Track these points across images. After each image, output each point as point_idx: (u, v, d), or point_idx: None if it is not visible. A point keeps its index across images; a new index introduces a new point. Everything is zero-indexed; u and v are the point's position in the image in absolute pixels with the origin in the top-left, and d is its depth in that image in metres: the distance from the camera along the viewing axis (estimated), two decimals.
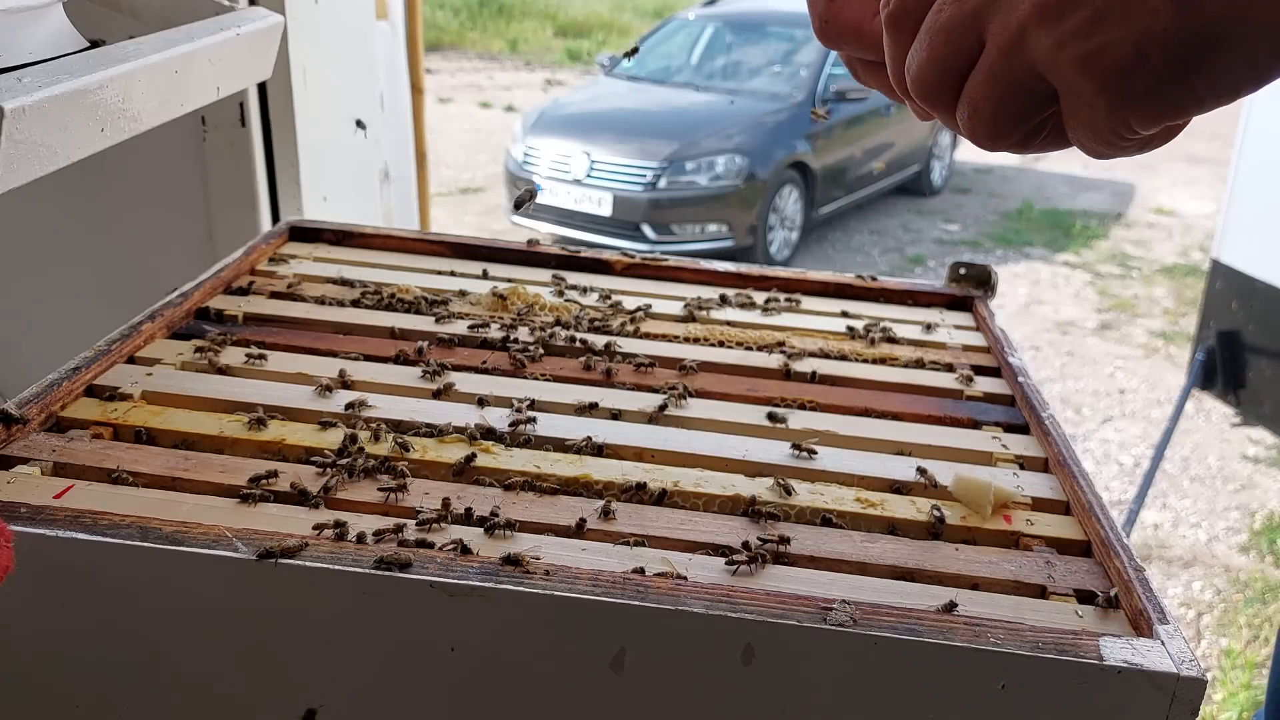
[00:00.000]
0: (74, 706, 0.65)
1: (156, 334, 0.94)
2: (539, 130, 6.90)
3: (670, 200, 6.40)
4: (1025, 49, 0.43)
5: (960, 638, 0.59)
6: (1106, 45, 0.41)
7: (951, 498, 0.78)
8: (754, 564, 0.66)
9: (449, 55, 13.35)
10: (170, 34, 0.92)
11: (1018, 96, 0.45)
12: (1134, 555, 0.69)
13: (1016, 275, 6.56)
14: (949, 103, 0.47)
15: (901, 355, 1.03)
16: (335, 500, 0.72)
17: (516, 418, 0.83)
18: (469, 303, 1.06)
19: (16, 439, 0.75)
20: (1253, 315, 3.20)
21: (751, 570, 0.66)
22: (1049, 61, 0.43)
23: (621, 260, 1.19)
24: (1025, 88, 0.44)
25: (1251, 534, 3.91)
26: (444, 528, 0.68)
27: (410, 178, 2.81)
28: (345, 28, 1.60)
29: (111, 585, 0.62)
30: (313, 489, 0.71)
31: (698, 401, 0.90)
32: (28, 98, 0.68)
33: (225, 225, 1.43)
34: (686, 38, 7.92)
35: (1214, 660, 3.19)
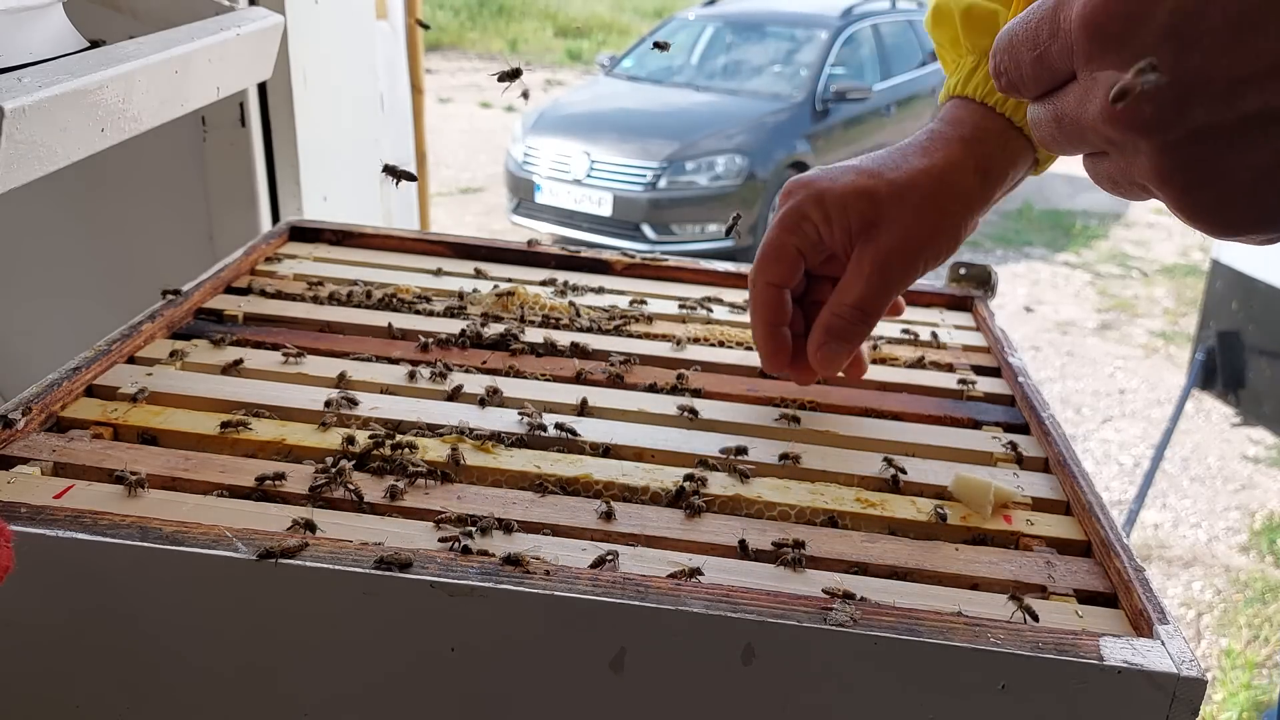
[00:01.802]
0: (74, 707, 0.65)
1: (156, 334, 0.94)
2: (539, 130, 6.91)
3: (670, 200, 6.40)
4: (1147, 191, 0.48)
5: (960, 638, 0.59)
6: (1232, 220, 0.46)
7: (951, 497, 0.78)
8: (796, 565, 0.67)
9: (449, 55, 13.35)
10: (170, 34, 0.92)
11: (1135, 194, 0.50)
12: (1134, 555, 0.69)
13: (1016, 275, 6.56)
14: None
15: (902, 355, 1.03)
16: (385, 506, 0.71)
17: (531, 422, 0.83)
18: (469, 302, 1.06)
19: (17, 439, 0.75)
20: (1253, 315, 3.20)
21: (795, 569, 0.67)
22: (1171, 208, 0.48)
23: (621, 260, 1.19)
24: (1142, 190, 0.49)
25: (1251, 534, 3.92)
26: (495, 536, 0.68)
27: None
28: (345, 28, 1.60)
29: (111, 585, 0.62)
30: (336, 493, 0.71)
31: (698, 402, 0.90)
32: (28, 98, 0.68)
33: (225, 225, 1.43)
34: (687, 38, 7.92)
35: (1214, 660, 3.19)
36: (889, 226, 0.81)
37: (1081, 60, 0.46)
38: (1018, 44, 0.50)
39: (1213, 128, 0.43)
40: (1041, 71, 0.49)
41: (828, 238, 0.83)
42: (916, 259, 0.82)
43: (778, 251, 0.84)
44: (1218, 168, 0.44)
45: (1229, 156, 0.43)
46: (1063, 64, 0.48)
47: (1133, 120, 0.44)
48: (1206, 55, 0.41)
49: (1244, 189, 0.44)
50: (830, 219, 0.82)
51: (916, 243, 0.82)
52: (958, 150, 0.83)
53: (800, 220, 0.83)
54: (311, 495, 0.71)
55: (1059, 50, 0.47)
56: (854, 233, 0.82)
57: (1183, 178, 0.45)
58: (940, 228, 0.82)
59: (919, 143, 0.85)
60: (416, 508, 0.71)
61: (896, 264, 0.82)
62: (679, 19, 8.31)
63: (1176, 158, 0.44)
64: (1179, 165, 0.44)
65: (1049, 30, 0.48)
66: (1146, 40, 0.42)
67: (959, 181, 0.83)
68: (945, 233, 0.83)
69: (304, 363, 0.91)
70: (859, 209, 0.81)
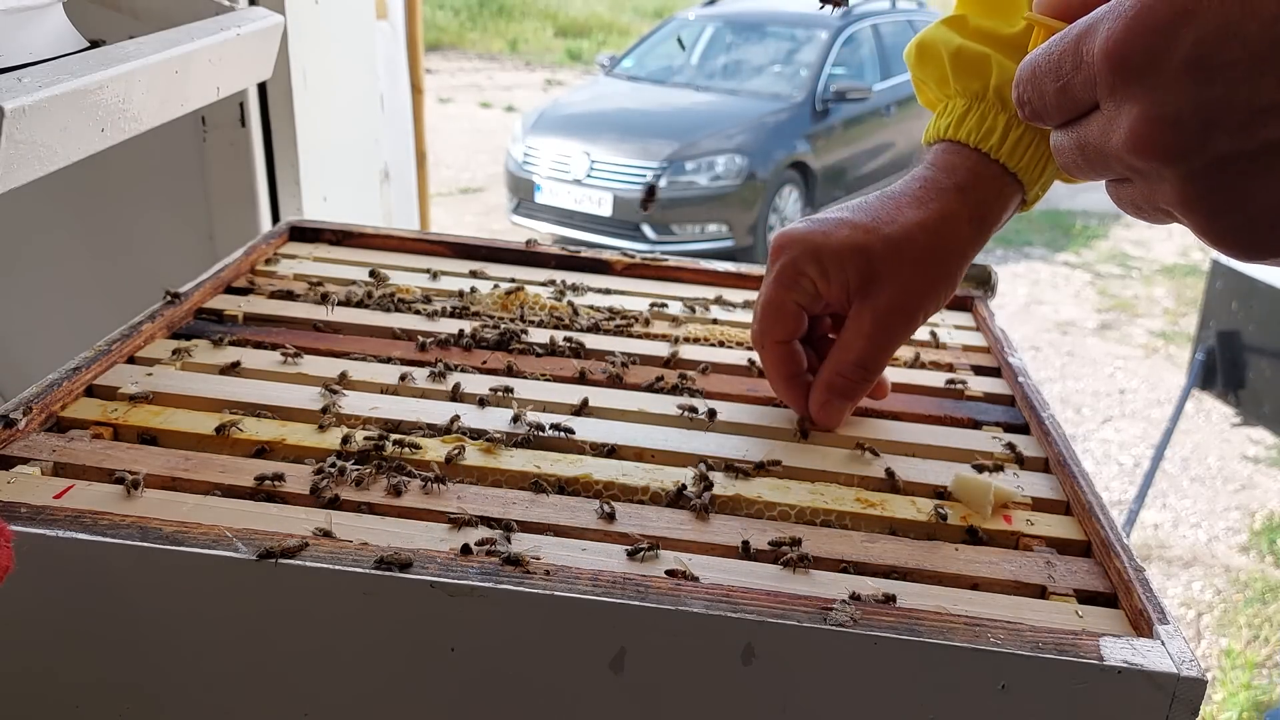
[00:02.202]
0: (74, 707, 0.65)
1: (156, 334, 0.94)
2: (539, 130, 6.91)
3: (670, 200, 6.40)
4: (1172, 217, 0.50)
5: (960, 638, 0.59)
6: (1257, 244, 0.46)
7: (951, 497, 0.78)
8: (798, 565, 0.67)
9: (449, 55, 13.36)
10: (170, 34, 0.92)
11: (1159, 219, 0.52)
12: (1134, 555, 0.69)
13: (1016, 275, 6.56)
14: None
15: (901, 355, 1.03)
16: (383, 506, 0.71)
17: (527, 423, 0.83)
18: (469, 302, 1.06)
19: (17, 439, 0.75)
20: (1253, 315, 3.20)
21: (794, 570, 0.67)
22: (1197, 233, 0.49)
23: (621, 260, 1.19)
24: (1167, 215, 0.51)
25: (1251, 534, 3.92)
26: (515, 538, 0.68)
27: (410, 178, 2.81)
28: (345, 28, 1.60)
29: (111, 585, 0.62)
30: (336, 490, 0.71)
31: (699, 402, 0.90)
32: (28, 98, 0.68)
33: (225, 225, 1.43)
34: (687, 38, 7.92)
35: (1214, 660, 3.19)
36: (888, 283, 0.81)
37: (1105, 91, 0.47)
38: (1041, 75, 0.51)
39: (1236, 155, 0.44)
40: (1065, 101, 0.50)
41: (825, 293, 0.83)
42: (916, 313, 0.83)
43: (779, 310, 0.85)
44: (1241, 194, 0.45)
45: (1252, 183, 0.44)
46: (1086, 94, 0.48)
47: (1156, 149, 0.45)
48: (1229, 86, 0.42)
49: (1268, 214, 0.45)
50: (828, 275, 0.82)
51: (917, 298, 0.82)
52: (953, 200, 0.83)
53: (798, 276, 0.83)
54: (314, 496, 0.71)
55: (1082, 81, 0.48)
56: (852, 290, 0.82)
57: (1207, 204, 0.46)
58: (938, 279, 0.83)
59: (912, 192, 0.85)
60: (416, 508, 0.71)
61: (898, 321, 0.83)
62: (679, 19, 8.32)
63: (1201, 185, 0.45)
64: (1203, 192, 0.45)
65: (1072, 62, 0.48)
66: (1168, 72, 0.43)
67: (955, 232, 0.83)
68: (943, 283, 0.83)
69: (303, 363, 0.91)
70: (856, 266, 0.81)
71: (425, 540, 0.67)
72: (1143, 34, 0.44)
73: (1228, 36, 0.42)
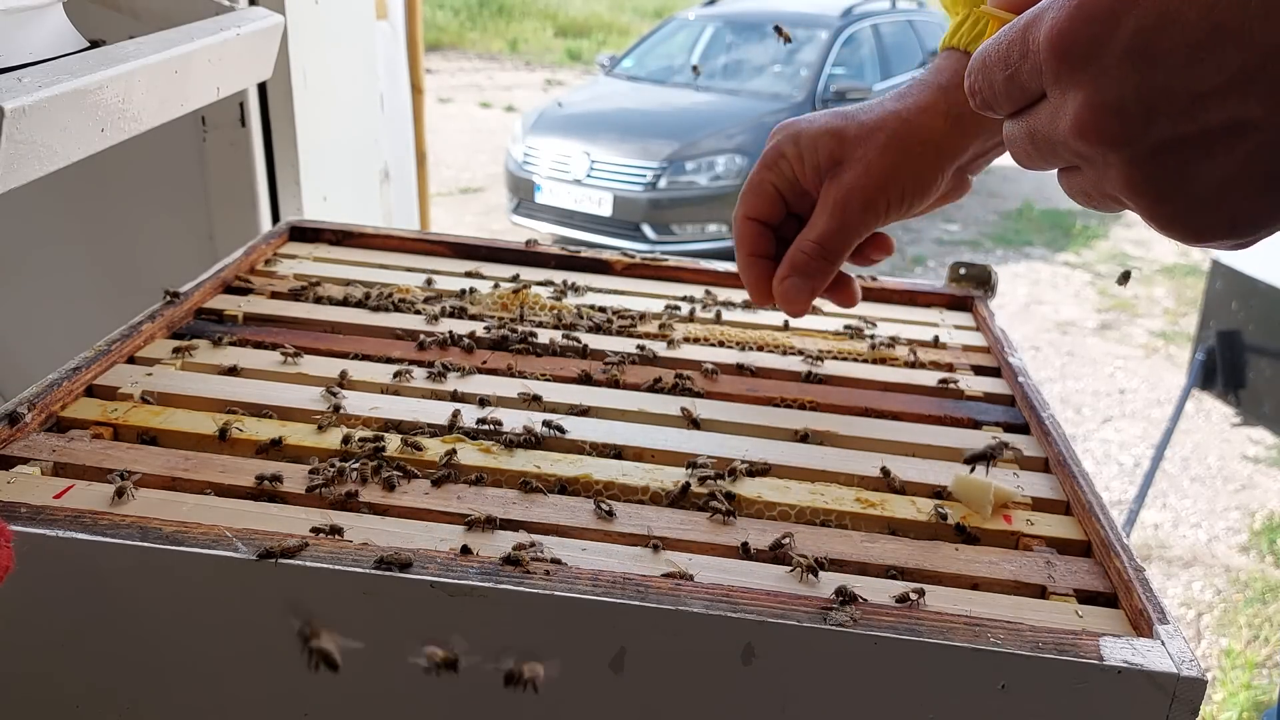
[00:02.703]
0: (74, 707, 0.65)
1: (156, 334, 0.94)
2: (539, 130, 6.90)
3: (670, 200, 6.40)
4: (1120, 203, 0.51)
5: (960, 638, 0.59)
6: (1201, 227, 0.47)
7: (951, 497, 0.78)
8: (810, 571, 0.66)
9: (449, 55, 13.36)
10: (170, 34, 0.92)
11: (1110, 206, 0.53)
12: (1134, 555, 0.69)
13: (1016, 275, 6.56)
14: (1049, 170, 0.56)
15: (901, 355, 1.03)
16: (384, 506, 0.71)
17: (543, 421, 0.82)
18: (470, 302, 1.06)
19: (17, 439, 0.75)
20: (1253, 315, 3.20)
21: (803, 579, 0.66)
22: (1143, 217, 0.50)
23: (621, 260, 1.19)
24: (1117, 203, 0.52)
25: (1251, 534, 3.92)
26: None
27: (410, 178, 2.81)
28: (345, 28, 1.60)
29: (111, 585, 0.62)
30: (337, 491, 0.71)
31: (699, 402, 0.90)
32: (28, 98, 0.68)
33: (225, 225, 1.43)
34: (687, 38, 7.92)
35: (1214, 660, 3.19)
36: (853, 164, 0.84)
37: (1050, 79, 0.48)
38: (990, 65, 0.52)
39: (1178, 140, 0.45)
40: (1013, 90, 0.51)
41: (800, 174, 0.87)
42: (876, 197, 0.84)
43: (757, 188, 0.88)
44: (1185, 177, 0.46)
45: (1195, 166, 0.45)
46: (1033, 83, 0.50)
47: (1101, 135, 0.47)
48: (1168, 72, 0.44)
49: (1211, 196, 0.46)
50: (803, 157, 0.86)
51: (877, 180, 0.84)
52: (931, 94, 0.86)
53: (778, 158, 0.87)
54: (316, 496, 0.71)
55: (1029, 70, 0.50)
56: (823, 170, 0.85)
57: (1152, 188, 0.47)
58: (901, 166, 0.84)
59: (899, 89, 0.88)
60: (417, 508, 0.71)
61: (855, 200, 0.84)
62: (679, 19, 8.31)
63: (1146, 169, 0.47)
64: (1148, 176, 0.47)
65: (1019, 51, 0.50)
66: (1110, 59, 0.45)
67: (927, 123, 0.85)
68: (908, 173, 0.84)
69: (303, 363, 0.91)
70: (828, 147, 0.85)
71: (425, 540, 0.67)
72: (1085, 22, 0.45)
73: (1167, 24, 0.43)
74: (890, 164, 0.84)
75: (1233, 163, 0.45)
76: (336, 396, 0.84)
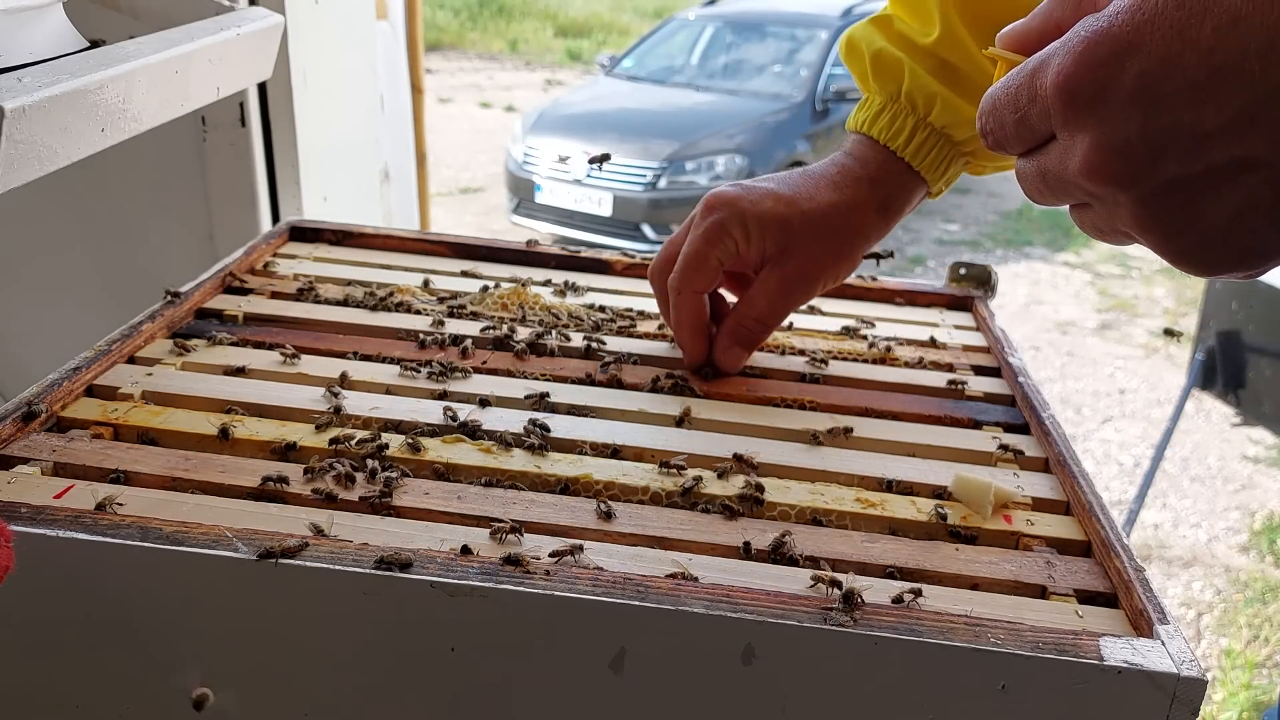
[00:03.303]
0: (74, 707, 0.65)
1: (156, 334, 0.94)
2: (539, 130, 6.90)
3: (670, 200, 6.40)
4: (1132, 239, 0.52)
5: (960, 638, 0.59)
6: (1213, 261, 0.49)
7: (951, 497, 0.78)
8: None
9: (449, 55, 13.36)
10: (170, 34, 0.92)
11: (1122, 241, 0.54)
12: (1134, 555, 0.69)
13: (1016, 275, 6.56)
14: None
15: (901, 355, 1.03)
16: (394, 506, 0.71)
17: (532, 428, 0.83)
18: (469, 302, 1.06)
19: (17, 439, 0.75)
20: (1253, 315, 3.20)
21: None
22: (1156, 253, 0.52)
23: (621, 260, 1.19)
24: (1129, 239, 0.53)
25: (1251, 534, 3.92)
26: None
27: (410, 178, 2.81)
28: (345, 28, 1.60)
29: (111, 585, 0.62)
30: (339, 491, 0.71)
31: (698, 402, 0.90)
32: (28, 98, 0.68)
33: (225, 225, 1.43)
34: (687, 38, 7.92)
35: (1214, 660, 3.19)
36: (798, 254, 0.92)
37: (1059, 122, 0.50)
38: (1000, 107, 0.54)
39: (1184, 178, 0.47)
40: (1024, 132, 0.53)
41: (744, 253, 0.93)
42: (817, 282, 0.95)
43: (703, 263, 0.92)
44: (1193, 214, 0.47)
45: (1202, 203, 0.47)
46: (1043, 125, 0.51)
47: (1109, 176, 0.48)
48: (1172, 114, 0.45)
49: (1219, 232, 0.47)
50: (750, 239, 0.92)
51: (819, 269, 0.94)
52: (864, 190, 0.94)
53: (723, 236, 0.92)
54: (315, 495, 0.71)
55: (1038, 113, 0.51)
56: (768, 255, 0.92)
57: (1161, 225, 0.49)
58: (842, 256, 0.95)
59: (830, 176, 0.95)
60: (416, 508, 0.71)
61: (799, 287, 0.94)
62: (679, 19, 8.31)
63: (1154, 207, 0.48)
64: (1157, 214, 0.48)
65: (1028, 95, 0.51)
66: (1116, 103, 0.47)
67: (862, 219, 0.94)
68: (844, 261, 0.95)
69: (303, 363, 0.91)
70: (775, 235, 0.91)
71: (425, 540, 0.67)
72: (1091, 67, 0.47)
73: (1169, 68, 0.44)
74: (832, 255, 0.94)
75: (1239, 199, 0.46)
76: (338, 397, 0.84)
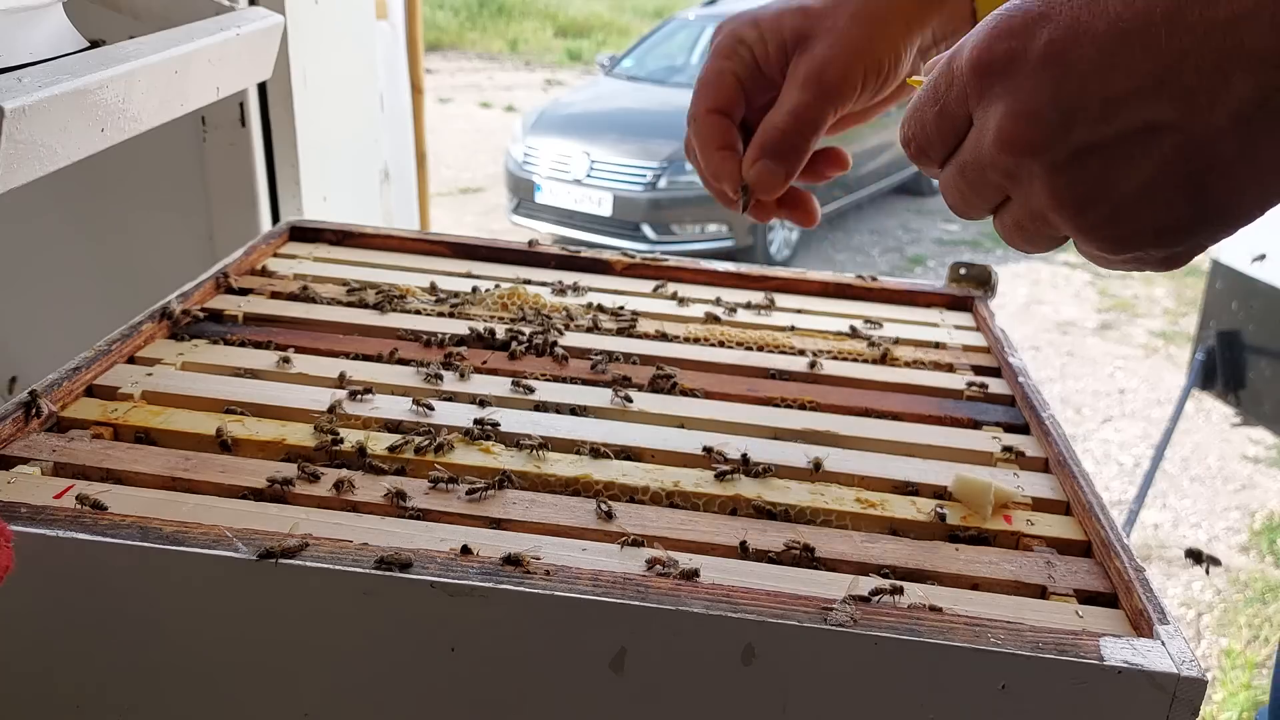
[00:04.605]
0: (74, 707, 0.65)
1: (156, 334, 0.94)
2: (539, 130, 6.90)
3: (670, 200, 6.40)
4: (1048, 224, 0.52)
5: (960, 638, 0.59)
6: (1128, 235, 0.49)
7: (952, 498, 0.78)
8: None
9: (449, 55, 13.36)
10: (170, 34, 0.92)
11: (1043, 241, 0.55)
12: (1134, 555, 0.69)
13: (1016, 275, 6.56)
14: (985, 216, 0.57)
15: (901, 355, 1.03)
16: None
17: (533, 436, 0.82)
18: (470, 302, 1.06)
19: (17, 439, 0.75)
20: (1253, 315, 3.20)
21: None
22: (1072, 236, 0.51)
23: (621, 260, 1.19)
24: (1049, 237, 0.54)
25: (1251, 534, 3.92)
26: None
27: (410, 178, 2.81)
28: (345, 28, 1.60)
29: (111, 585, 0.62)
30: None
31: (698, 402, 0.90)
32: (28, 98, 0.68)
33: (225, 225, 1.43)
34: (687, 38, 7.92)
35: (1214, 660, 3.19)
36: (823, 36, 0.80)
37: (974, 98, 0.51)
38: (921, 104, 0.55)
39: (1096, 144, 0.47)
40: (944, 124, 0.54)
41: (762, 57, 0.82)
42: (852, 66, 0.80)
43: (716, 78, 0.83)
44: (1106, 183, 0.48)
45: (1115, 172, 0.47)
46: (960, 109, 0.52)
47: (1022, 142, 0.49)
48: (1082, 79, 0.46)
49: (1132, 203, 0.48)
50: (765, 38, 0.81)
51: (851, 49, 0.80)
52: None
53: (735, 45, 0.82)
54: (315, 496, 0.71)
55: (955, 97, 0.52)
56: (789, 47, 0.81)
57: (1075, 194, 0.49)
58: (875, 36, 0.80)
59: None
60: (416, 507, 0.71)
61: (832, 71, 0.79)
62: (679, 19, 8.31)
63: (1067, 176, 0.49)
64: (1070, 183, 0.49)
65: (945, 81, 0.53)
66: (1027, 70, 0.48)
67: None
68: (881, 42, 0.80)
69: (303, 363, 0.91)
70: (793, 23, 0.80)
71: (425, 540, 0.67)
72: (1002, 38, 0.48)
73: (1078, 35, 0.46)
74: (863, 34, 0.79)
75: (1151, 165, 0.46)
76: (358, 399, 0.84)
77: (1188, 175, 0.46)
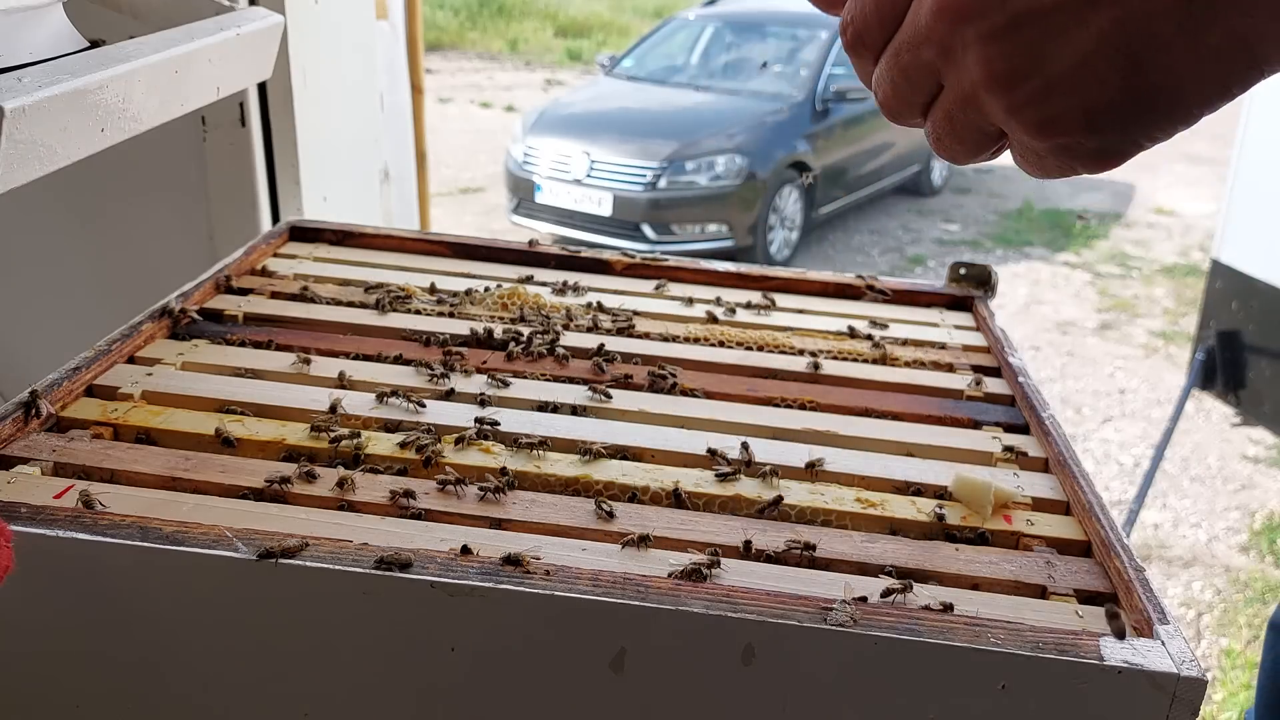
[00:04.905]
0: (74, 706, 0.65)
1: (156, 334, 0.94)
2: (539, 130, 6.90)
3: (670, 200, 6.40)
4: (979, 107, 0.49)
5: (960, 638, 0.59)
6: (1057, 114, 0.46)
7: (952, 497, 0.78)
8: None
9: (449, 55, 13.35)
10: (170, 34, 0.92)
11: (973, 135, 0.51)
12: (1134, 555, 0.69)
13: (1016, 275, 6.56)
14: (917, 122, 0.53)
15: (902, 355, 1.03)
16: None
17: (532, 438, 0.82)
18: (470, 302, 1.06)
19: (17, 439, 0.75)
20: (1253, 315, 3.20)
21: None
22: (1002, 120, 0.48)
23: (621, 260, 1.19)
24: (979, 130, 0.50)
25: (1251, 534, 3.91)
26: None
27: (410, 178, 2.81)
28: (345, 28, 1.60)
29: (111, 585, 0.62)
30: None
31: (699, 402, 0.90)
32: (28, 98, 0.68)
33: (225, 225, 1.43)
34: (687, 38, 7.92)
35: (1214, 660, 3.19)
36: None
37: None
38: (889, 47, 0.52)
39: (1033, 12, 0.45)
40: (884, 3, 0.51)
41: None
42: None
43: None
44: (1040, 53, 0.46)
45: (1049, 44, 0.45)
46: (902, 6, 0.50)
47: (958, 10, 0.47)
48: None
49: (1066, 78, 0.46)
50: None
51: None
52: None
53: None
54: (314, 496, 0.71)
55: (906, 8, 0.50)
56: None
57: (1007, 68, 0.47)
58: None
59: None
60: (418, 507, 0.71)
61: None
62: (679, 19, 8.31)
63: (1000, 45, 0.46)
64: (1003, 53, 0.46)
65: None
66: None
67: None
68: None
69: (303, 363, 0.91)
70: None
71: (425, 540, 0.67)
72: None
73: None
74: None
75: (1087, 38, 0.45)
76: (385, 402, 0.84)
77: (1124, 52, 0.44)
